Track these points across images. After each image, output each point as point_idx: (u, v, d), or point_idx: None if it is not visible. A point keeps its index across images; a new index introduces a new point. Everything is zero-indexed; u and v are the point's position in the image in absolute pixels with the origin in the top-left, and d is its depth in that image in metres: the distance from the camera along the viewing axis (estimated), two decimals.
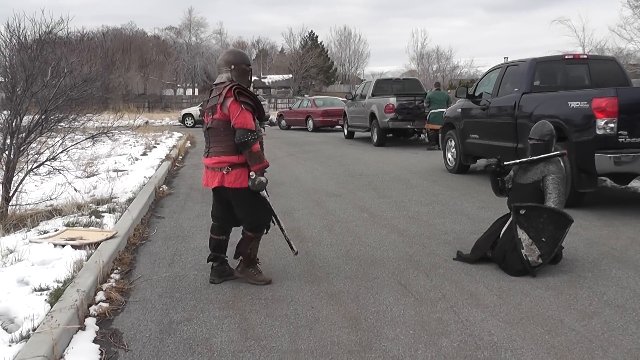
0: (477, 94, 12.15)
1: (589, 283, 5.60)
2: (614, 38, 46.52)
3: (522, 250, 5.84)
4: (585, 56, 11.60)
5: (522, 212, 5.92)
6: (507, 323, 4.69)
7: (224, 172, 5.49)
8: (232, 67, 5.61)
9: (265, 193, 5.66)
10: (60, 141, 9.74)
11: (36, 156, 9.18)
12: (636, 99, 8.38)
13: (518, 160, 6.58)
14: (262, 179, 5.49)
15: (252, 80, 5.89)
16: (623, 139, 8.11)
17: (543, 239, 5.87)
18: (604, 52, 35.14)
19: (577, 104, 8.58)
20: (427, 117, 19.02)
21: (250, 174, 5.46)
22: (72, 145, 10.01)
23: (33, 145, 9.14)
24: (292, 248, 5.98)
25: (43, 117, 8.83)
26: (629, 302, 5.10)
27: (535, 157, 6.32)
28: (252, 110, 5.50)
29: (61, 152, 9.53)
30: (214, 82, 5.75)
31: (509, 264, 5.91)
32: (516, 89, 10.61)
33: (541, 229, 5.88)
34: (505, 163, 6.62)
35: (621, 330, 4.52)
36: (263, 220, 5.75)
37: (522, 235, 5.88)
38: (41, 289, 5.21)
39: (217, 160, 5.51)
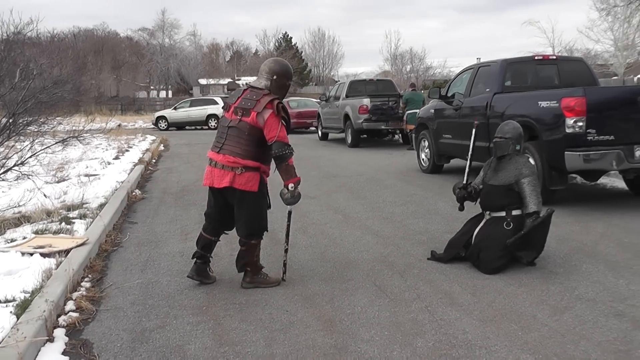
0: (449, 94, 12.22)
1: (561, 279, 5.67)
2: (582, 39, 47.29)
3: (517, 252, 6.00)
4: (555, 57, 11.77)
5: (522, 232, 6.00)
6: (481, 321, 4.71)
7: (237, 172, 5.40)
8: (275, 77, 5.59)
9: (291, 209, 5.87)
10: (29, 145, 9.60)
11: (3, 161, 9.05)
12: (604, 98, 8.58)
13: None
14: (299, 190, 5.61)
15: (286, 96, 5.89)
16: (592, 137, 8.24)
17: (535, 243, 6.04)
18: (573, 52, 35.62)
19: (547, 103, 8.70)
20: (405, 118, 19.16)
21: (290, 186, 5.53)
22: (41, 150, 9.88)
23: (0, 149, 9.00)
24: (284, 272, 5.93)
25: (11, 120, 8.70)
26: (600, 296, 5.17)
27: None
28: (286, 127, 5.53)
29: (30, 156, 9.39)
30: (250, 84, 5.71)
31: (483, 263, 5.95)
32: (488, 89, 10.71)
33: (532, 236, 6.00)
34: (466, 183, 6.79)
35: (592, 324, 4.58)
36: (263, 226, 5.73)
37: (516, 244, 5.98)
38: (7, 301, 5.09)
39: (232, 160, 5.40)
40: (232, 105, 5.59)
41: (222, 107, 5.89)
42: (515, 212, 6.15)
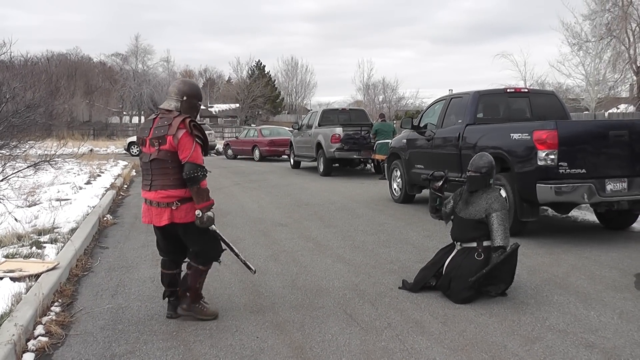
0: (422, 125, 12.30)
1: (532, 309, 5.72)
2: (554, 73, 47.85)
3: (484, 288, 6.03)
4: (526, 90, 11.93)
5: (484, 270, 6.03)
6: (451, 350, 4.73)
7: (173, 207, 5.25)
8: (185, 98, 5.36)
9: (214, 226, 5.53)
10: (0, 169, 9.51)
11: None
12: (575, 132, 8.65)
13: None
14: (210, 214, 5.30)
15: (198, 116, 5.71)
16: (563, 170, 8.32)
17: (502, 277, 6.07)
18: (545, 86, 35.95)
19: (519, 135, 8.79)
20: (374, 148, 19.27)
21: (197, 212, 5.24)
22: (13, 173, 9.80)
23: None
24: (249, 268, 5.84)
25: None
26: (570, 327, 5.23)
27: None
28: (202, 145, 5.33)
29: (1, 180, 9.31)
30: (160, 108, 5.44)
31: (454, 292, 5.99)
32: (460, 121, 10.80)
33: (499, 270, 6.02)
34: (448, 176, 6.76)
35: (562, 354, 4.62)
36: (217, 251, 5.59)
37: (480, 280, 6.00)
38: None
39: (165, 194, 5.25)
40: (147, 139, 5.37)
41: (137, 143, 5.64)
42: (486, 243, 6.20)
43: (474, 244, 6.23)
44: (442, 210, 6.74)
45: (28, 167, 10.30)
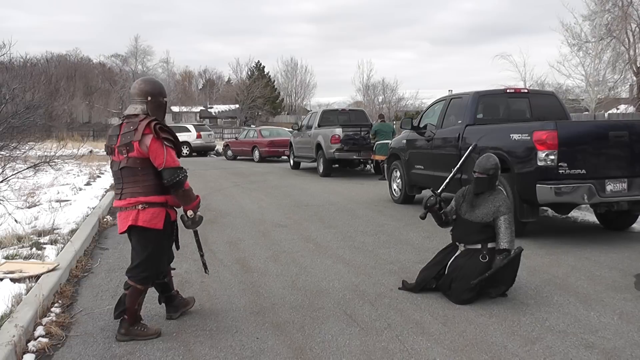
0: (421, 125, 12.28)
1: (532, 310, 5.72)
2: (554, 74, 47.77)
3: (485, 289, 6.03)
4: (526, 90, 11.91)
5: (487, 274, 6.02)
6: (452, 350, 4.74)
7: (139, 208, 4.99)
8: (149, 98, 5.13)
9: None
10: (0, 170, 9.50)
11: None
12: (575, 133, 8.64)
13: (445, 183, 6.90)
14: (199, 213, 5.28)
15: (166, 114, 5.42)
16: (563, 171, 8.31)
17: (504, 279, 6.06)
18: (544, 87, 35.90)
19: (519, 136, 8.78)
20: (374, 148, 19.26)
21: (189, 213, 5.22)
22: (12, 175, 9.78)
23: None
24: (205, 268, 5.78)
25: None
26: (570, 328, 5.23)
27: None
28: (174, 146, 5.13)
29: (1, 181, 9.30)
30: (125, 114, 5.18)
31: (455, 293, 5.98)
32: (460, 121, 10.80)
33: (502, 273, 6.01)
34: (440, 192, 6.75)
35: (562, 355, 4.63)
36: (159, 270, 5.38)
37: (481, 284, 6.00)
38: None
39: (134, 201, 5.00)
40: (115, 147, 5.11)
41: (106, 152, 5.35)
42: (490, 245, 6.17)
43: (479, 246, 6.20)
44: (450, 219, 6.70)
45: (28, 168, 10.30)
